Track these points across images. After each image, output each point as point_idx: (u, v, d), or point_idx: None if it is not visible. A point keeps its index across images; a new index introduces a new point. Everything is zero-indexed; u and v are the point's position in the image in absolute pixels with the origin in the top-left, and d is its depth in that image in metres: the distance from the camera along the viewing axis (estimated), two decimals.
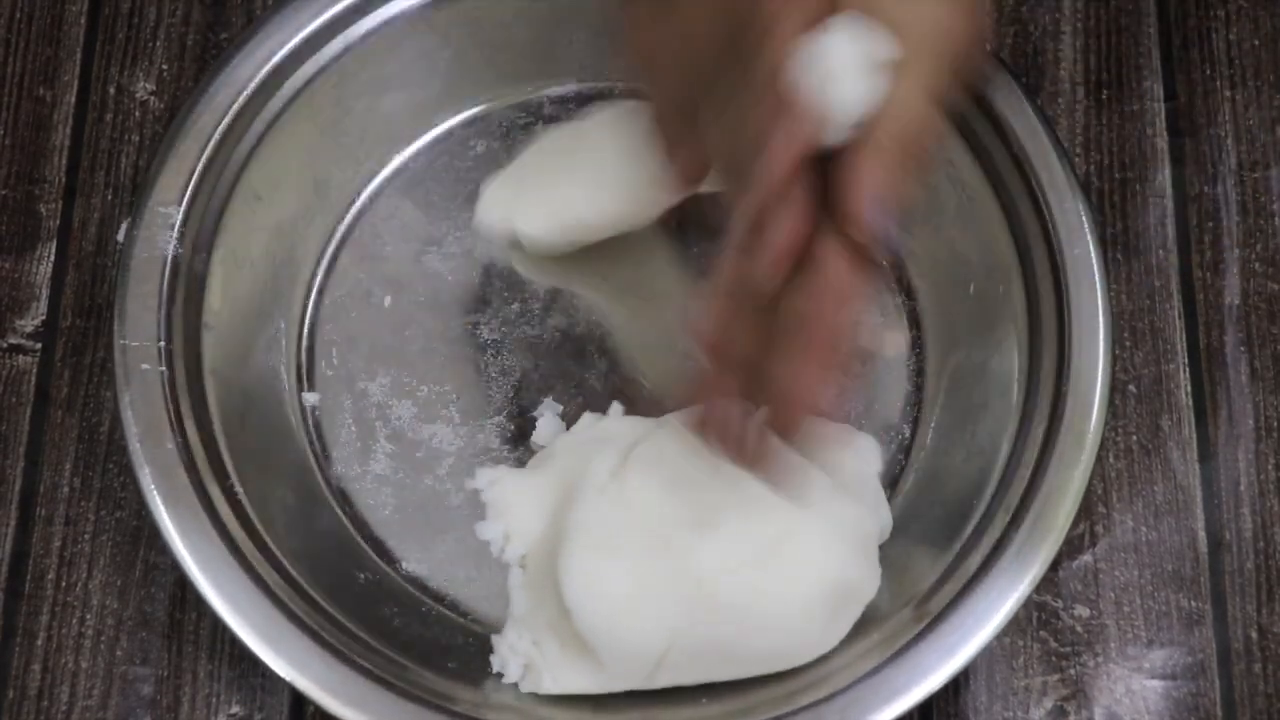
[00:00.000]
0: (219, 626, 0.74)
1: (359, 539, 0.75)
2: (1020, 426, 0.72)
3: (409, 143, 0.81)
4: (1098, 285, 0.73)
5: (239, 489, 0.72)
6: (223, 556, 0.69)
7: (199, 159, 0.74)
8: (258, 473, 0.73)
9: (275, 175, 0.77)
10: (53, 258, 0.80)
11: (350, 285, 0.79)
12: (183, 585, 0.75)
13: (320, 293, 0.79)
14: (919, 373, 0.78)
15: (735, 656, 0.67)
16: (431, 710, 0.67)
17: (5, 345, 0.79)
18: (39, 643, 0.74)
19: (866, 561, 0.69)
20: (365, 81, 0.78)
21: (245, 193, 0.76)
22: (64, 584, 0.75)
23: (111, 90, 0.83)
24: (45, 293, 0.80)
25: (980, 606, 0.68)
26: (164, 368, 0.72)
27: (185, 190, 0.74)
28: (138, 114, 0.83)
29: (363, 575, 0.74)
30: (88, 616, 0.75)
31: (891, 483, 0.76)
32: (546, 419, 0.76)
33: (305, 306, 0.79)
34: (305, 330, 0.79)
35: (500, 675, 0.69)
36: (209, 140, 0.75)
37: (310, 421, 0.77)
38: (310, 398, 0.77)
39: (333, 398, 0.77)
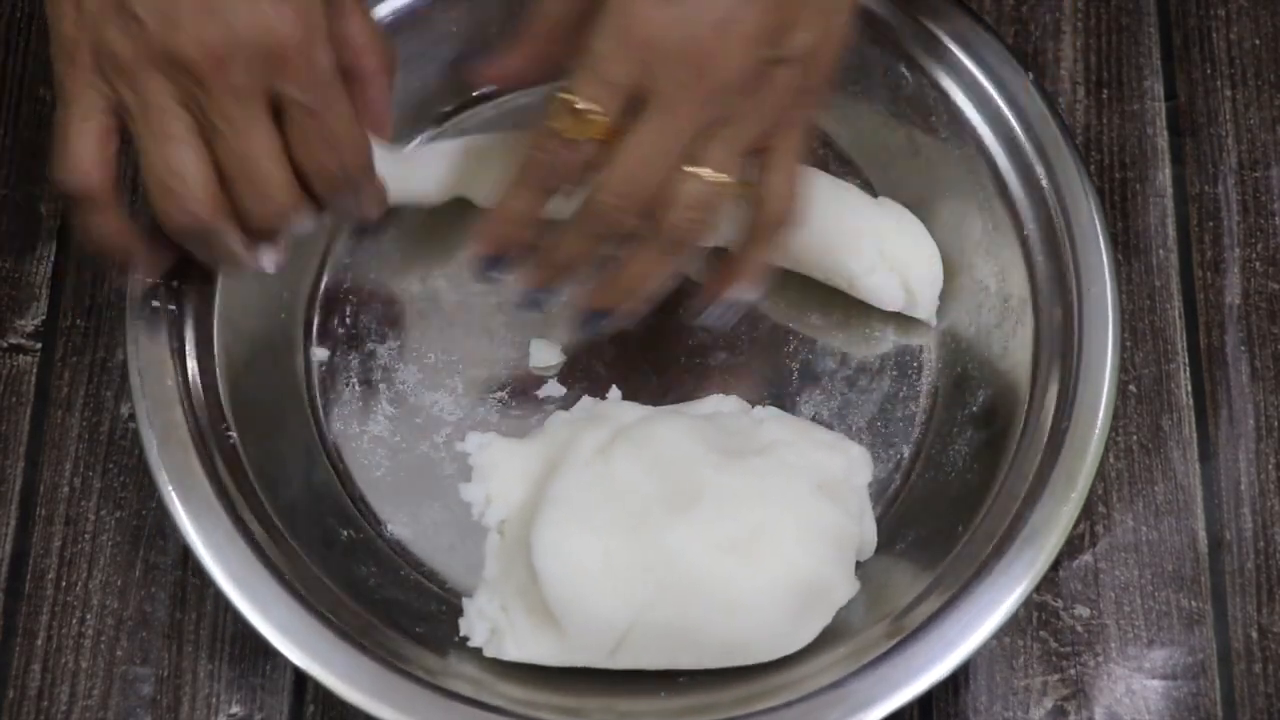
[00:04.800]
0: (219, 626, 0.74)
1: (347, 497, 0.75)
2: (1020, 444, 0.72)
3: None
4: (1108, 288, 0.74)
5: (233, 433, 0.72)
6: (205, 496, 0.69)
7: None
8: (256, 420, 0.74)
9: None
10: (53, 258, 0.80)
11: (372, 246, 0.80)
12: (183, 585, 0.75)
13: (342, 249, 0.80)
14: (925, 394, 0.78)
15: (699, 643, 0.68)
16: (390, 671, 0.67)
17: (5, 345, 0.79)
18: (39, 643, 0.74)
19: (842, 566, 0.69)
20: None
21: None
22: (64, 584, 0.75)
23: None
24: (45, 293, 0.80)
25: (953, 630, 0.68)
26: (173, 306, 0.72)
27: None
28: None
29: (346, 532, 0.74)
30: (88, 616, 0.75)
31: (885, 502, 0.76)
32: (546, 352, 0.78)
33: (325, 261, 0.80)
34: (322, 285, 0.79)
35: (466, 641, 0.69)
36: None
37: (315, 376, 0.78)
38: (319, 353, 0.78)
39: (341, 355, 0.78)
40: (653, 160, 0.65)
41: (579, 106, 0.64)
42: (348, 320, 0.79)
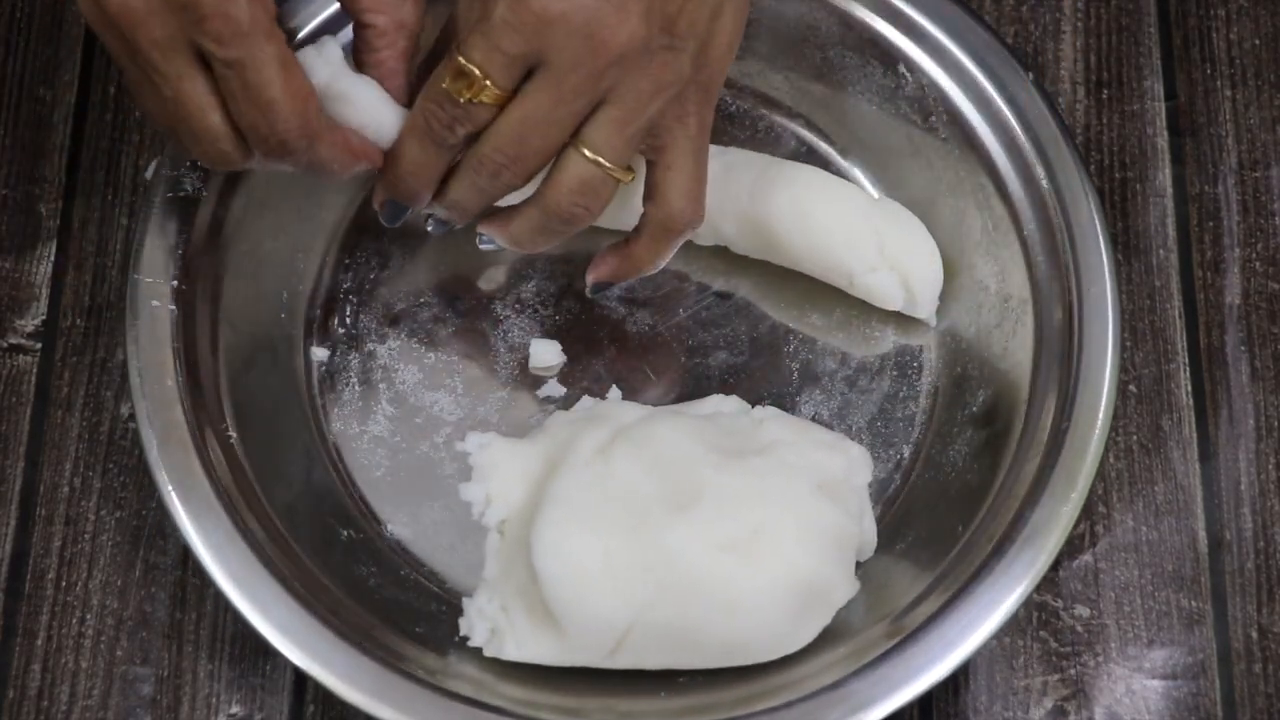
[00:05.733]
0: (219, 626, 0.74)
1: (348, 497, 0.76)
2: (1020, 444, 0.72)
3: None
4: (1108, 287, 0.74)
5: (233, 434, 0.72)
6: (205, 496, 0.69)
7: None
8: (256, 421, 0.74)
9: None
10: (53, 258, 0.80)
11: (372, 246, 0.80)
12: (183, 585, 0.75)
13: (342, 249, 0.80)
14: (925, 394, 0.78)
15: (699, 643, 0.68)
16: (391, 671, 0.67)
17: (5, 345, 0.79)
18: (39, 643, 0.74)
19: (842, 567, 0.69)
20: None
21: None
22: (64, 584, 0.75)
23: (111, 90, 0.83)
24: (45, 293, 0.80)
25: (953, 630, 0.68)
26: (173, 306, 0.73)
27: None
28: (138, 114, 0.83)
29: (346, 533, 0.74)
30: (88, 616, 0.75)
31: (885, 502, 0.76)
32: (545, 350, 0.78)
33: (325, 260, 0.80)
34: (323, 285, 0.79)
35: (466, 641, 0.69)
36: None
37: (315, 376, 0.78)
38: (319, 353, 0.78)
39: (341, 355, 0.78)
40: (536, 124, 0.66)
41: (470, 70, 0.65)
42: (348, 320, 0.79)
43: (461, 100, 0.65)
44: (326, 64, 0.67)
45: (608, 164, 0.67)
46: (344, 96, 0.67)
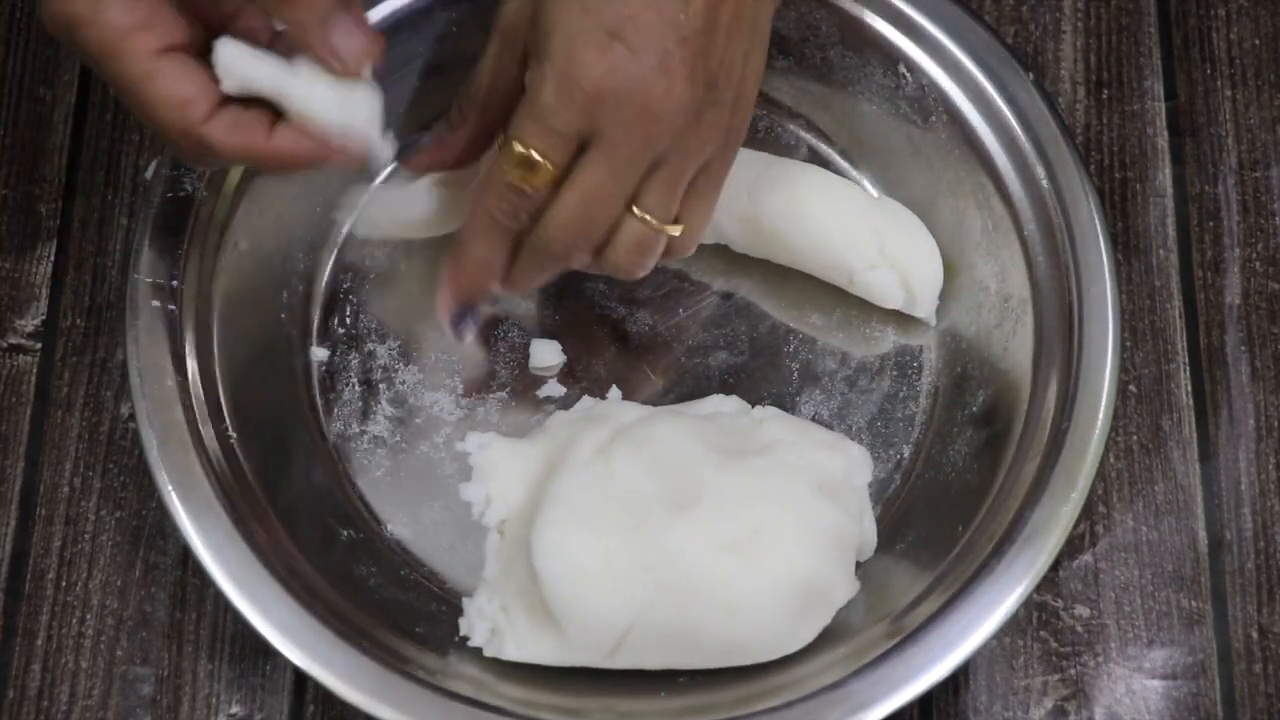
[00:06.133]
0: (219, 626, 0.74)
1: (348, 497, 0.76)
2: (1020, 444, 0.72)
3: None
4: (1108, 288, 0.74)
5: (233, 434, 0.72)
6: (205, 496, 0.69)
7: None
8: (256, 421, 0.74)
9: None
10: (53, 258, 0.80)
11: (373, 245, 0.80)
12: (183, 585, 0.75)
13: (342, 250, 0.80)
14: (925, 394, 0.78)
15: (699, 643, 0.68)
16: (391, 671, 0.67)
17: (5, 345, 0.79)
18: (39, 643, 0.74)
19: (842, 567, 0.69)
20: None
21: None
22: (64, 584, 0.75)
23: (111, 90, 0.83)
24: (45, 293, 0.80)
25: (953, 630, 0.68)
26: (173, 306, 0.73)
27: None
28: None
29: (345, 533, 0.74)
30: (88, 616, 0.75)
31: (885, 502, 0.76)
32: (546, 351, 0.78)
33: (326, 261, 0.80)
34: (323, 286, 0.79)
35: (466, 641, 0.69)
36: None
37: (315, 376, 0.78)
38: (319, 353, 0.78)
39: (341, 355, 0.78)
40: (597, 200, 0.66)
41: (531, 157, 0.65)
42: (348, 320, 0.79)
43: (524, 188, 0.66)
44: (225, 72, 0.64)
45: (658, 223, 0.68)
46: (275, 93, 0.65)
